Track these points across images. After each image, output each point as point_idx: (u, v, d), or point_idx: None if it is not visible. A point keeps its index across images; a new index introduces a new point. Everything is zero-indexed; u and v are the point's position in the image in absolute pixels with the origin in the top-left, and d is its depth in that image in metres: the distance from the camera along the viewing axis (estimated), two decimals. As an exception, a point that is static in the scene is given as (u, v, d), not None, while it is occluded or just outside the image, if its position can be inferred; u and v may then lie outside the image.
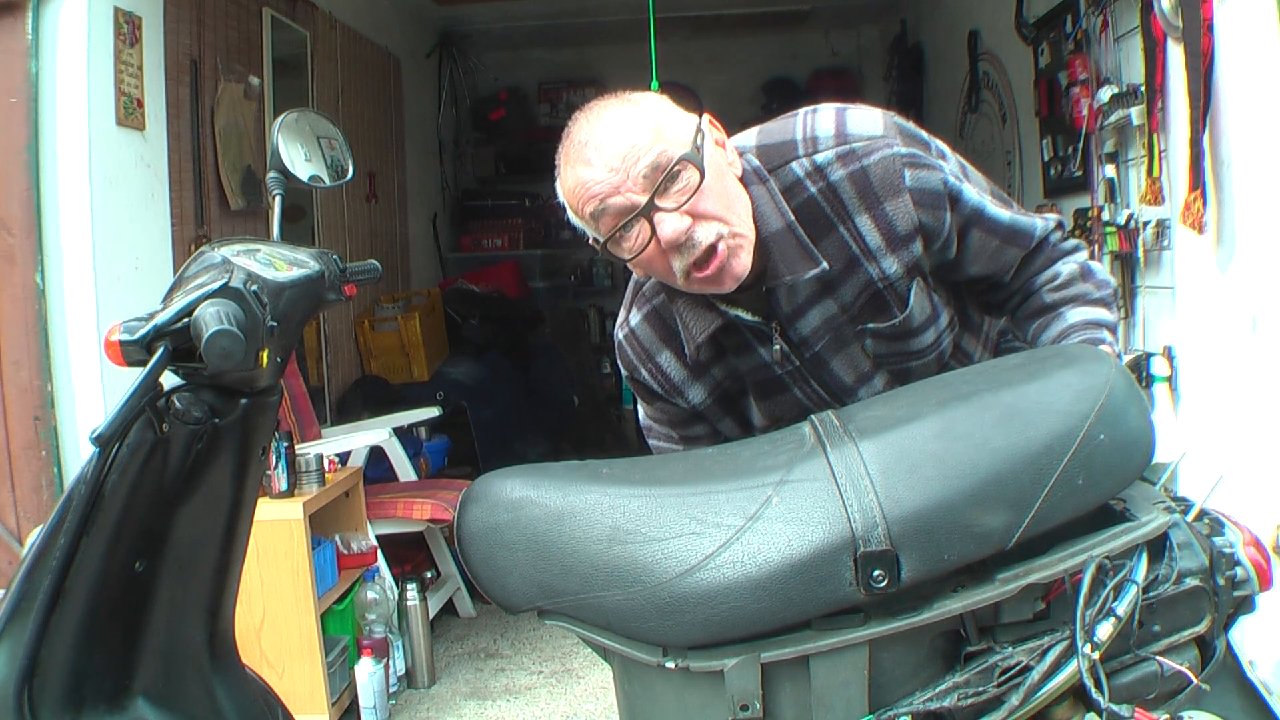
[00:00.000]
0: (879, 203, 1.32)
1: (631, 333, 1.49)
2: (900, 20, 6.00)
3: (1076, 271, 1.45)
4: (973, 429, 1.04)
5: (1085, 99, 3.33)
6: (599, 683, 3.17)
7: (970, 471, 1.01)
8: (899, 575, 1.00)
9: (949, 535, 1.00)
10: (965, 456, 1.02)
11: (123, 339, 1.06)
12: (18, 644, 1.10)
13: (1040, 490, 1.00)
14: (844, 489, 1.02)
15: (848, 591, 1.01)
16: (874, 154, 1.31)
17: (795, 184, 1.34)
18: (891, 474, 1.02)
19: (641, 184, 1.24)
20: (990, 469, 1.01)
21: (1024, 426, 1.03)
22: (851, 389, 1.45)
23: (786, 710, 1.06)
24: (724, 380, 1.47)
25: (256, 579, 2.73)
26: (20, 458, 2.65)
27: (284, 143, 1.37)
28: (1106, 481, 1.04)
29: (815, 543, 1.01)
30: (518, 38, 6.30)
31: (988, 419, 1.05)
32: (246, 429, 1.18)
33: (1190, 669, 1.09)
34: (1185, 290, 2.76)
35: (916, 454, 1.03)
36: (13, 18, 2.60)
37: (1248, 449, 2.38)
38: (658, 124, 1.26)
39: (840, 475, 1.03)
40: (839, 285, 1.37)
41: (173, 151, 3.10)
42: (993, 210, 1.38)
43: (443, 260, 6.16)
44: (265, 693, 1.32)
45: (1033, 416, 1.04)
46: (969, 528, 1.00)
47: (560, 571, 1.09)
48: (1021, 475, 1.01)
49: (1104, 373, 1.08)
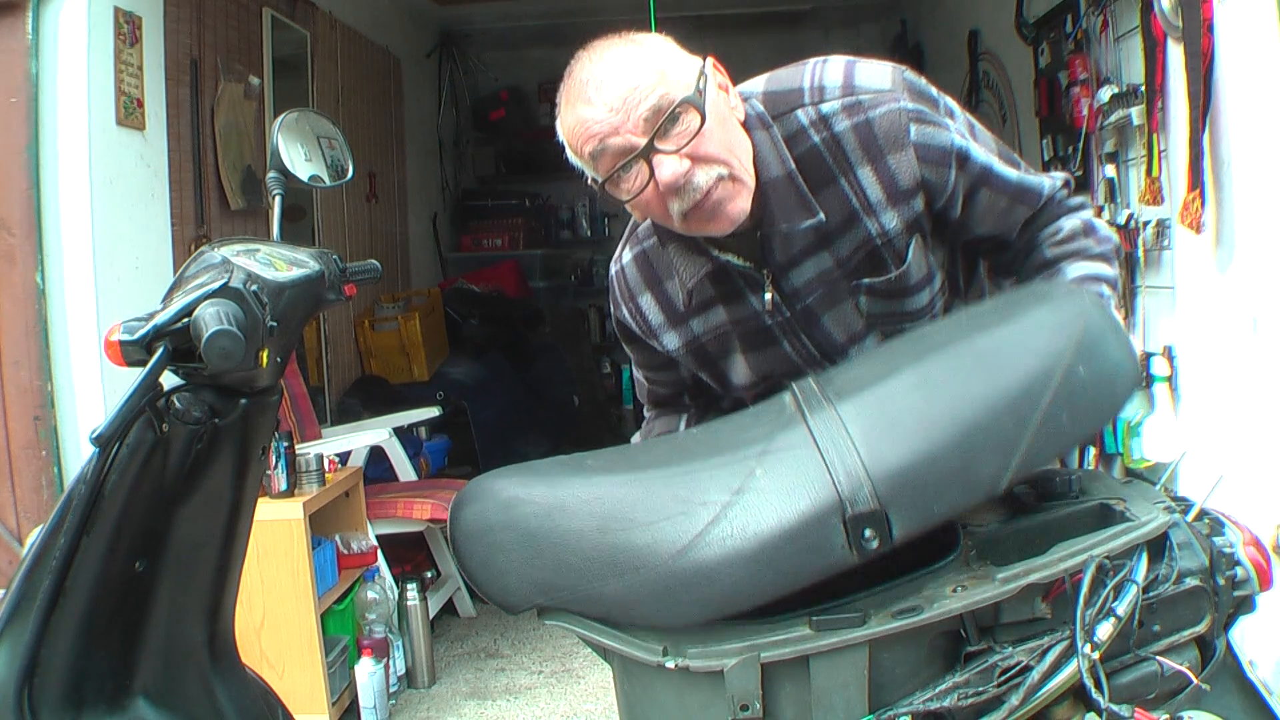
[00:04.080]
0: (882, 156, 1.31)
1: (621, 270, 1.50)
2: (900, 20, 6.00)
3: (1079, 227, 1.43)
4: (950, 378, 1.03)
5: (1085, 99, 3.33)
6: (599, 683, 3.17)
7: (951, 421, 1.00)
8: (890, 533, 0.99)
9: (937, 487, 0.99)
10: (945, 407, 1.01)
11: (123, 339, 1.06)
12: (18, 644, 1.10)
13: (1025, 432, 0.99)
14: (826, 453, 1.01)
15: (840, 555, 1.00)
16: (880, 107, 1.30)
17: (799, 132, 1.33)
18: (872, 433, 1.01)
19: (642, 125, 1.22)
20: (971, 417, 1.00)
21: (1001, 370, 1.01)
22: (842, 347, 1.43)
23: (786, 710, 1.06)
24: (703, 335, 1.46)
25: (256, 579, 2.73)
26: (20, 458, 2.65)
27: (284, 143, 1.37)
28: (1091, 416, 1.03)
29: (803, 510, 1.00)
30: (518, 38, 6.30)
31: (965, 366, 1.03)
32: (246, 429, 1.18)
33: (1190, 669, 1.09)
34: (1185, 290, 2.76)
35: (896, 410, 1.02)
36: (13, 18, 2.60)
37: (1248, 449, 2.38)
38: (661, 66, 1.25)
39: (821, 439, 1.02)
40: (836, 238, 1.35)
41: (173, 151, 3.10)
42: (1001, 169, 1.37)
43: (443, 260, 6.16)
44: (265, 693, 1.32)
45: (1010, 359, 1.02)
46: (956, 477, 0.99)
47: (555, 567, 1.09)
48: (1004, 419, 0.99)
49: (1078, 307, 1.06)
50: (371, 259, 1.41)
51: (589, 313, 6.80)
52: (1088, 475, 1.24)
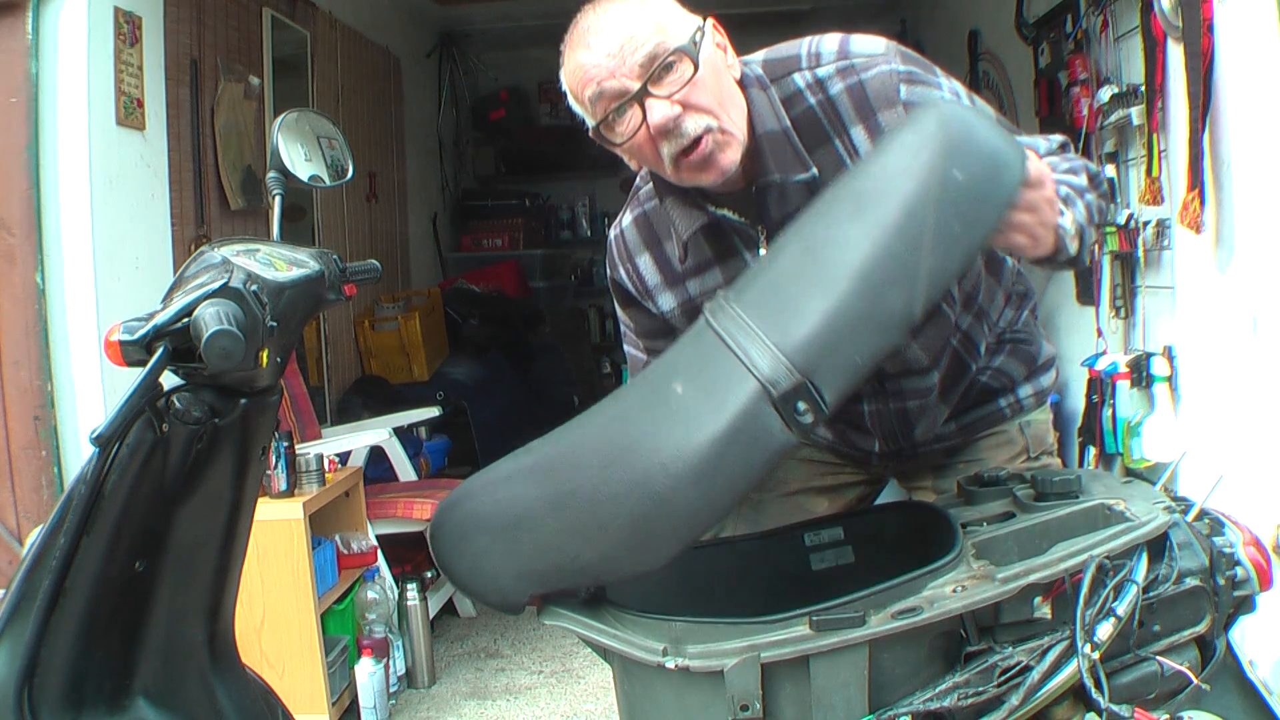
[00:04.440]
0: (874, 114, 1.34)
1: (621, 233, 1.54)
2: (900, 20, 5.99)
3: (1058, 160, 1.39)
4: (832, 233, 1.03)
5: (1085, 99, 3.33)
6: (599, 683, 3.16)
7: (844, 272, 0.99)
8: (822, 400, 0.98)
9: (851, 340, 0.99)
10: (834, 261, 1.00)
11: (123, 339, 1.06)
12: (18, 644, 1.10)
13: (920, 254, 0.98)
14: (736, 347, 1.01)
15: (781, 438, 0.99)
16: (872, 69, 1.34)
17: (795, 94, 1.37)
18: (774, 313, 1.01)
19: (637, 71, 1.27)
20: (861, 259, 0.99)
21: (878, 204, 1.00)
22: None
23: (786, 710, 1.06)
24: (698, 297, 1.48)
25: (256, 579, 2.73)
26: (20, 458, 2.65)
27: (284, 143, 1.37)
28: (984, 213, 1.02)
29: (730, 409, 0.99)
30: (518, 38, 6.29)
31: (843, 216, 1.03)
32: (246, 429, 1.18)
33: (1190, 669, 1.09)
34: (1185, 290, 2.76)
35: (790, 283, 1.03)
36: (13, 18, 2.60)
37: (1248, 449, 2.38)
38: (659, 19, 1.30)
39: (728, 337, 1.02)
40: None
41: (173, 151, 3.10)
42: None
43: (443, 260, 6.16)
44: (265, 693, 1.33)
45: (882, 190, 1.01)
46: (867, 322, 0.99)
47: (534, 552, 1.10)
48: (895, 249, 0.98)
49: (935, 115, 1.05)
50: (371, 259, 1.41)
51: (589, 313, 6.80)
52: (1088, 475, 1.24)
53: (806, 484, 1.71)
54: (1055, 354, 1.67)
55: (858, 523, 1.35)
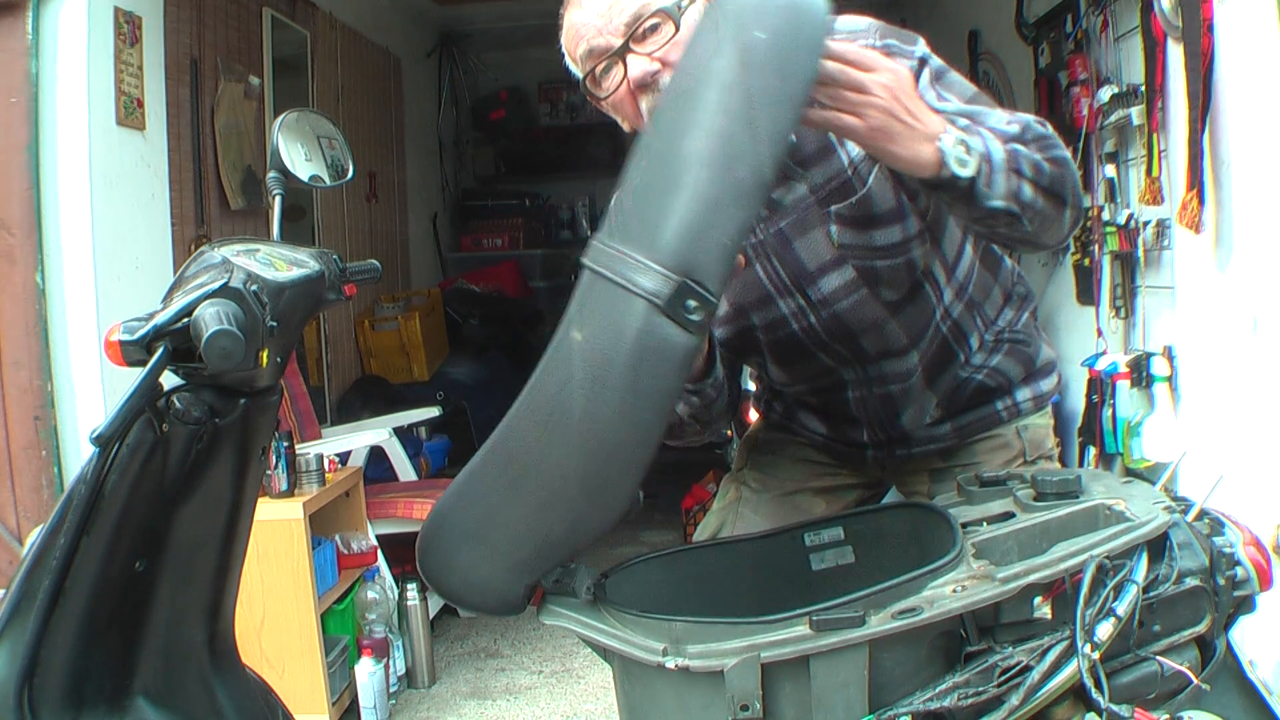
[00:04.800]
0: None
1: None
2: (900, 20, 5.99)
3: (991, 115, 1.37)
4: (663, 140, 1.05)
5: (1085, 99, 3.33)
6: (599, 683, 3.17)
7: (687, 167, 1.00)
8: (708, 291, 0.99)
9: (713, 225, 1.00)
10: (675, 161, 1.02)
11: (123, 339, 1.06)
12: (18, 644, 1.10)
13: (750, 121, 0.99)
14: (614, 276, 1.02)
15: (684, 340, 1.00)
16: (852, 42, 1.37)
17: None
18: (636, 232, 1.02)
19: (621, 29, 1.34)
20: (698, 150, 1.00)
21: (697, 92, 1.02)
22: (812, 275, 1.48)
23: (786, 710, 1.06)
24: None
25: (256, 579, 2.73)
26: (20, 458, 2.65)
27: (284, 143, 1.37)
28: (801, 61, 1.02)
29: (627, 333, 1.00)
30: (518, 38, 6.29)
31: (673, 117, 1.05)
32: (246, 429, 1.18)
33: (1190, 669, 1.09)
34: (1185, 290, 2.76)
35: (643, 200, 1.04)
36: (13, 18, 2.60)
37: (1248, 449, 2.38)
38: None
39: (606, 271, 1.03)
40: (811, 166, 1.44)
41: (173, 151, 3.10)
42: (935, 105, 1.35)
43: (443, 260, 6.16)
44: (265, 693, 1.33)
45: (698, 78, 1.03)
46: (724, 201, 1.00)
47: (510, 543, 1.12)
48: (725, 129, 0.99)
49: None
50: (371, 259, 1.41)
51: (589, 312, 6.78)
52: (1088, 475, 1.24)
53: (804, 484, 1.72)
54: (1056, 359, 1.67)
55: (858, 523, 1.35)
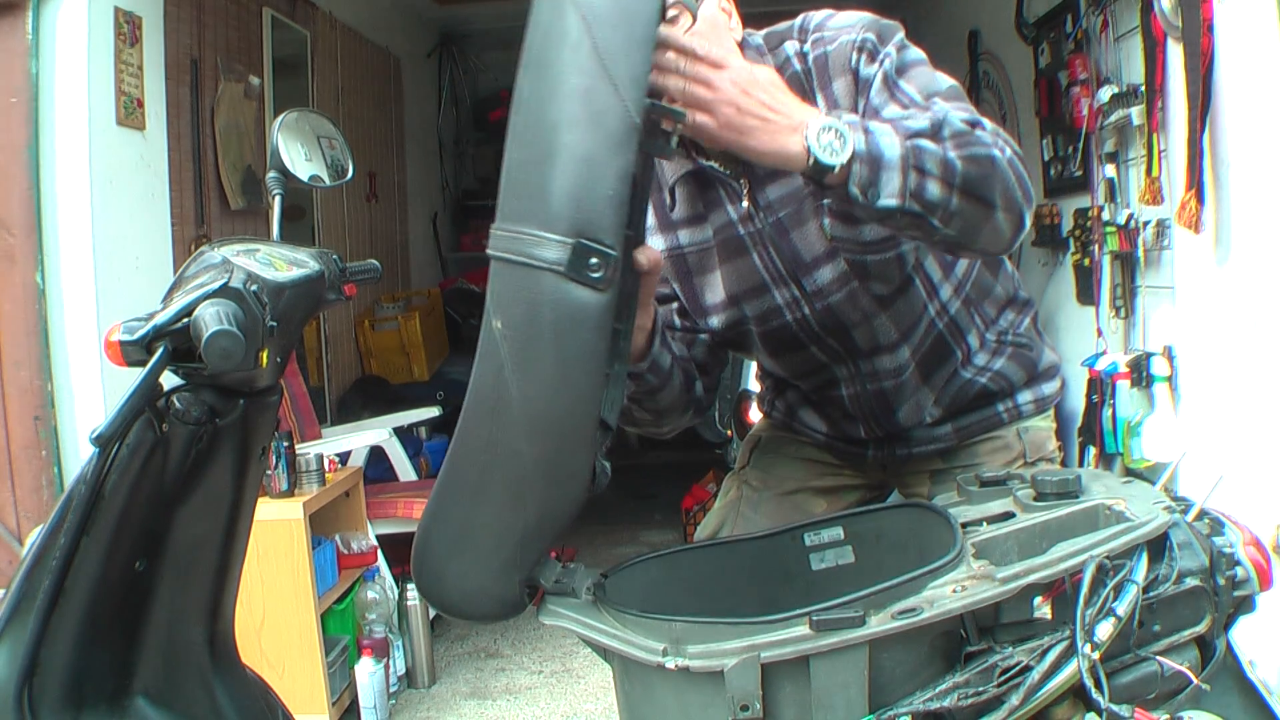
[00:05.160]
0: (830, 82, 1.45)
1: None
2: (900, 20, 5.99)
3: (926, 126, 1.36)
4: (528, 114, 1.06)
5: (1085, 99, 3.33)
6: (599, 683, 3.17)
7: (554, 132, 1.01)
8: (606, 245, 0.99)
9: (596, 177, 0.99)
10: (541, 131, 1.03)
11: (123, 339, 1.06)
12: (18, 644, 1.10)
13: (610, 76, 1.00)
14: (514, 255, 1.01)
15: (594, 300, 0.99)
16: (836, 41, 1.46)
17: (785, 61, 1.49)
18: (525, 210, 1.02)
19: None
20: (557, 115, 1.02)
21: (546, 63, 1.05)
22: (807, 266, 1.51)
23: (786, 710, 1.06)
24: (688, 246, 1.57)
25: (256, 579, 2.73)
26: (20, 458, 2.65)
27: (284, 143, 1.37)
28: (639, 4, 1.03)
29: (541, 308, 1.00)
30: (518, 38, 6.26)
31: (531, 95, 1.06)
32: (246, 429, 1.18)
33: (1190, 669, 1.09)
34: (1185, 290, 2.76)
35: (522, 177, 1.04)
36: (13, 18, 2.60)
37: (1248, 449, 2.38)
38: None
39: (506, 252, 1.02)
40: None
41: (173, 151, 3.10)
42: (883, 104, 1.41)
43: (443, 260, 6.16)
44: (265, 693, 1.33)
45: (545, 49, 1.06)
46: (596, 157, 1.00)
47: (494, 544, 1.12)
48: (580, 86, 1.01)
49: None
50: (371, 259, 1.41)
51: (589, 313, 6.78)
52: (1088, 475, 1.24)
53: (805, 484, 1.72)
54: (1058, 363, 1.68)
55: (858, 523, 1.35)
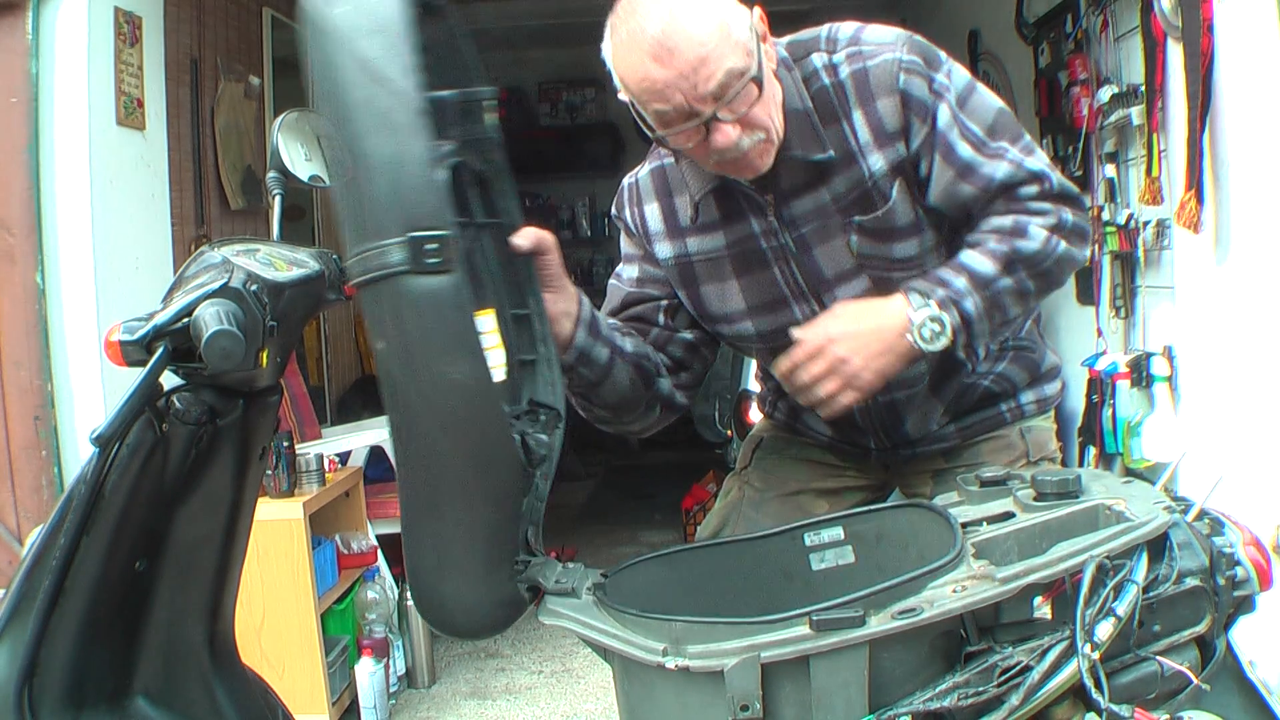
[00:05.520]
0: (873, 99, 1.42)
1: (635, 182, 1.62)
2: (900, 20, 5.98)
3: (1006, 225, 1.42)
4: (335, 144, 1.08)
5: (1085, 99, 3.33)
6: (599, 683, 3.16)
7: (356, 145, 1.03)
8: (435, 229, 1.01)
9: (404, 171, 1.02)
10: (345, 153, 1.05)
11: (123, 339, 1.06)
12: (18, 644, 1.10)
13: (382, 77, 1.03)
14: (367, 274, 1.03)
15: (441, 283, 1.02)
16: (878, 57, 1.41)
17: (813, 74, 1.45)
18: (357, 226, 1.04)
19: (709, 99, 1.31)
20: (356, 128, 1.04)
21: (329, 94, 1.06)
22: (830, 283, 1.50)
23: (786, 710, 1.06)
24: (695, 254, 1.55)
25: (256, 579, 2.73)
26: (20, 458, 2.65)
27: (284, 142, 1.38)
28: (383, 7, 1.05)
29: (403, 311, 1.03)
30: (518, 38, 6.29)
31: (333, 126, 1.08)
32: (246, 429, 1.18)
33: (1190, 669, 1.09)
34: (1185, 290, 2.76)
35: (345, 201, 1.06)
36: (13, 18, 2.60)
37: (1248, 449, 2.38)
38: (725, 24, 1.32)
39: (360, 274, 1.04)
40: (834, 175, 1.45)
41: (173, 151, 3.10)
42: (956, 139, 1.41)
43: (443, 260, 6.15)
44: (265, 693, 1.33)
45: (323, 81, 1.07)
46: (402, 149, 1.02)
47: (468, 549, 1.14)
48: (366, 97, 1.03)
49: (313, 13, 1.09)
50: (371, 259, 1.41)
51: (589, 313, 6.79)
52: (1088, 475, 1.24)
53: (807, 485, 1.72)
54: (1060, 365, 1.69)
55: (858, 523, 1.35)
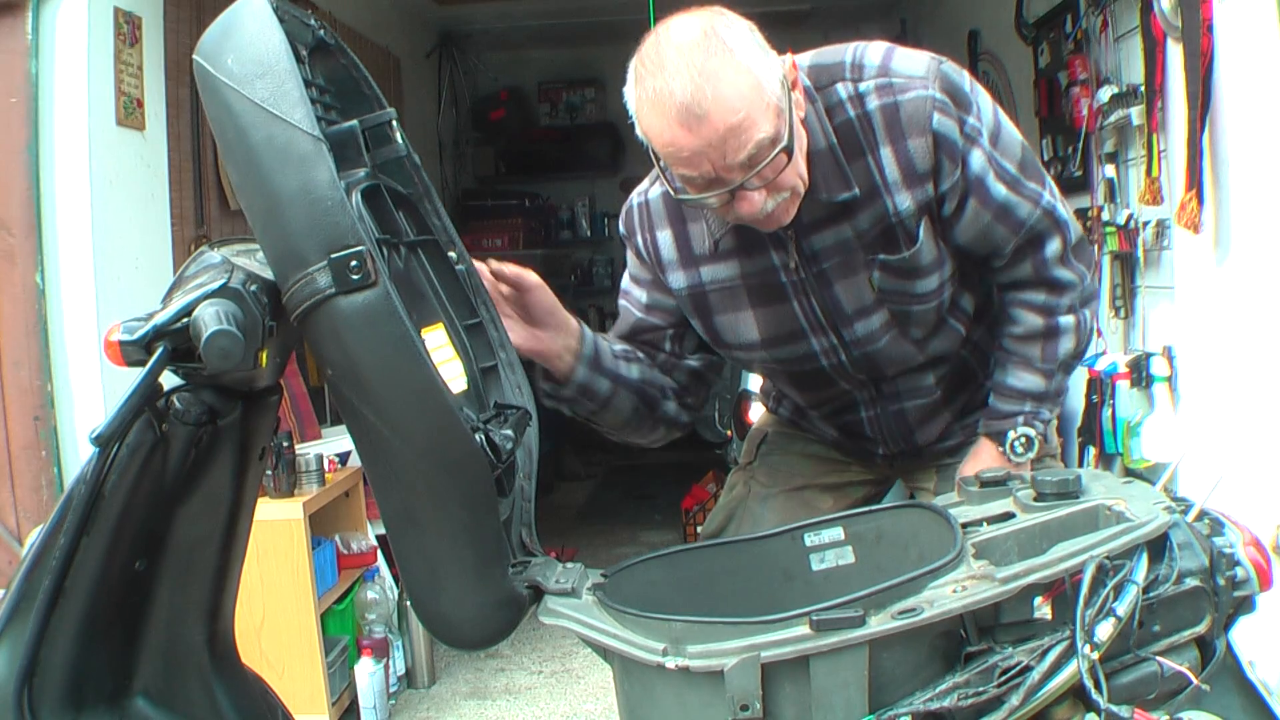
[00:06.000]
0: (903, 138, 1.36)
1: (645, 203, 1.55)
2: (900, 20, 5.99)
3: (1039, 328, 1.49)
4: (242, 192, 1.08)
5: (1085, 99, 3.33)
6: (599, 683, 3.17)
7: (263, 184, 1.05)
8: (351, 247, 1.02)
9: (311, 197, 1.03)
10: (256, 195, 1.06)
11: (122, 339, 1.06)
12: (18, 644, 1.10)
13: (277, 112, 1.03)
14: (302, 307, 1.04)
15: (368, 298, 1.02)
16: (909, 92, 1.35)
17: (837, 105, 1.39)
18: (279, 262, 1.06)
19: (737, 167, 1.27)
20: (261, 168, 1.04)
21: (229, 139, 1.07)
22: (849, 318, 1.48)
23: (786, 710, 1.06)
24: (710, 284, 1.51)
25: (256, 579, 2.73)
26: (20, 458, 2.65)
27: (284, 143, 1.37)
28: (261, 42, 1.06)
29: (342, 335, 1.04)
30: (518, 38, 6.29)
31: (236, 171, 1.09)
32: (246, 429, 1.18)
33: (1190, 669, 1.09)
34: (1185, 290, 2.76)
35: (265, 239, 1.08)
36: (13, 18, 2.59)
37: (1248, 449, 2.38)
38: (757, 83, 1.26)
39: (296, 306, 1.05)
40: (858, 211, 1.41)
41: (173, 151, 3.10)
42: (992, 182, 1.40)
43: (442, 260, 6.15)
44: (265, 693, 1.32)
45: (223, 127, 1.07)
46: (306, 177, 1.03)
47: (453, 555, 1.14)
48: (267, 136, 1.04)
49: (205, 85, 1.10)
50: (371, 259, 1.41)
51: (589, 313, 6.79)
52: (1088, 475, 1.24)
53: (812, 480, 1.72)
54: None
55: (858, 523, 1.35)
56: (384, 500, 1.14)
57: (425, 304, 1.30)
